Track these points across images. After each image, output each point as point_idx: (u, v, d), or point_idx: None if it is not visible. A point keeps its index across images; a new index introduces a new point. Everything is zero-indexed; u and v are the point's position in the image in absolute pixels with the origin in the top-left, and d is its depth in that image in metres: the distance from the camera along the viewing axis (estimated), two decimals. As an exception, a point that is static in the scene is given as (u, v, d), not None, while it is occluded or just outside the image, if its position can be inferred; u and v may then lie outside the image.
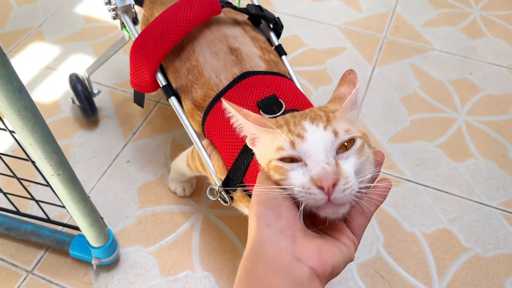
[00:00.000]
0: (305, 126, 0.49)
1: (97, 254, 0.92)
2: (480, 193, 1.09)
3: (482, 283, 0.94)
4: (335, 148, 0.48)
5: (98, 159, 1.17)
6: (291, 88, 0.79)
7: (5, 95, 0.54)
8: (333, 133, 0.48)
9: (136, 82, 0.89)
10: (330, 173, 0.45)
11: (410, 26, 1.55)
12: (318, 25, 1.56)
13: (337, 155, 0.48)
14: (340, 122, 0.50)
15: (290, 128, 0.50)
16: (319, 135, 0.48)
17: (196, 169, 0.89)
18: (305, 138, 0.48)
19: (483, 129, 1.23)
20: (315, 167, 0.46)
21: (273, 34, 0.96)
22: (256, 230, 0.45)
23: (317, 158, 0.47)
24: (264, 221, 0.45)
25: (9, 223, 0.99)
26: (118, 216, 1.06)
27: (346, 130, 0.49)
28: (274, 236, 0.44)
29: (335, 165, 0.46)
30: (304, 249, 0.44)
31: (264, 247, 0.44)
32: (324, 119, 0.50)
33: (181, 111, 0.84)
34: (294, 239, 0.45)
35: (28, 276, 0.96)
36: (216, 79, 0.80)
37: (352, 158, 0.48)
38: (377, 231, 1.02)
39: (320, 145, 0.47)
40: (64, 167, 0.69)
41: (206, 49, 0.84)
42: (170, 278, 0.95)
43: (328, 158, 0.47)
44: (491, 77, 1.37)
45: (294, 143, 0.48)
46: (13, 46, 1.48)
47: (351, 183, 0.46)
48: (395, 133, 1.22)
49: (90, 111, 1.21)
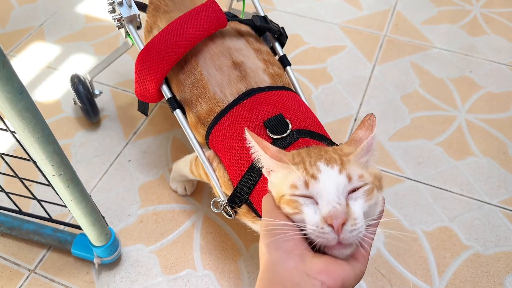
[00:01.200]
0: (320, 167, 0.52)
1: (98, 253, 0.92)
2: (480, 191, 1.09)
3: (482, 281, 0.94)
4: (347, 192, 0.50)
5: (99, 158, 1.18)
6: (297, 104, 0.79)
7: (6, 96, 0.54)
8: (347, 177, 0.50)
9: (141, 93, 0.89)
10: (340, 212, 0.47)
11: (410, 24, 1.55)
12: (318, 23, 1.56)
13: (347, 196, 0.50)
14: (354, 166, 0.52)
15: (306, 167, 0.52)
16: (333, 177, 0.50)
17: (200, 176, 0.89)
18: (319, 179, 0.50)
19: (484, 127, 1.23)
20: (326, 205, 0.48)
21: (278, 45, 0.96)
22: (267, 255, 0.48)
23: (329, 197, 0.49)
24: (272, 246, 0.48)
25: (12, 223, 0.99)
26: (119, 215, 1.06)
27: (360, 175, 0.51)
28: (283, 257, 0.47)
29: (346, 206, 0.49)
30: (313, 265, 0.46)
31: (275, 268, 0.47)
32: (339, 162, 0.52)
33: (186, 124, 0.85)
34: (302, 257, 0.47)
35: (30, 275, 0.97)
36: (221, 94, 0.80)
37: (360, 200, 0.50)
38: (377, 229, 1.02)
39: (333, 186, 0.50)
40: (65, 167, 0.70)
41: (210, 63, 0.84)
42: (171, 276, 0.96)
43: (339, 198, 0.49)
44: (492, 74, 1.37)
45: (308, 183, 0.50)
46: (14, 46, 1.49)
47: (359, 225, 0.48)
48: (396, 132, 1.22)
49: (92, 112, 1.21)
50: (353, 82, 1.36)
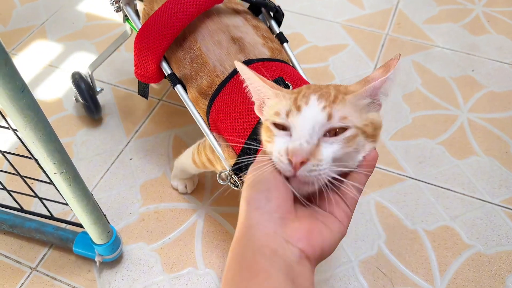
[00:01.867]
0: (310, 100, 0.49)
1: (100, 251, 0.92)
2: (482, 191, 1.09)
3: (484, 280, 0.94)
4: (324, 130, 0.47)
5: (101, 156, 1.18)
6: (296, 73, 0.80)
7: (8, 94, 0.54)
8: (327, 115, 0.47)
9: (141, 73, 0.90)
10: (303, 151, 0.45)
11: (412, 22, 1.54)
12: (320, 22, 1.56)
13: (323, 137, 0.47)
14: (343, 107, 0.48)
15: (298, 97, 0.50)
16: (314, 113, 0.47)
17: (203, 165, 0.89)
18: (301, 112, 0.48)
19: (486, 126, 1.22)
20: (294, 141, 0.46)
21: (274, 23, 0.97)
22: (245, 214, 0.45)
23: (300, 133, 0.47)
24: (253, 205, 0.45)
25: (13, 221, 0.99)
26: (121, 213, 1.06)
27: (343, 117, 0.47)
28: (263, 219, 0.44)
29: (315, 146, 0.46)
30: (293, 232, 0.44)
31: (253, 230, 0.44)
32: (330, 99, 0.49)
33: (187, 99, 0.85)
34: (283, 221, 0.44)
35: (32, 273, 0.97)
36: (220, 67, 0.81)
37: (336, 145, 0.47)
38: (378, 228, 1.02)
39: (309, 122, 0.47)
40: (67, 165, 0.70)
41: (208, 39, 0.85)
42: (173, 275, 0.96)
43: (311, 137, 0.46)
44: (494, 73, 1.37)
45: (289, 113, 0.48)
46: (16, 44, 1.49)
47: (322, 168, 0.46)
48: (397, 131, 1.22)
49: (94, 109, 1.21)
50: (355, 81, 1.34)
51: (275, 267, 0.41)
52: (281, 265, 0.42)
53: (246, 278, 0.41)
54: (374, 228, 1.02)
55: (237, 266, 0.43)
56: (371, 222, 1.03)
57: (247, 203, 0.45)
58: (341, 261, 0.97)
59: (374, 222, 1.03)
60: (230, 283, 0.42)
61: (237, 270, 0.43)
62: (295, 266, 0.42)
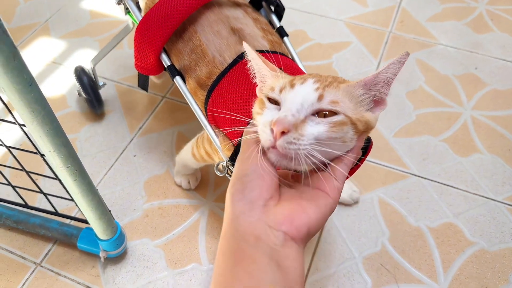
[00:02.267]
0: (306, 81, 0.50)
1: (104, 246, 0.92)
2: (485, 188, 1.09)
3: (487, 277, 0.94)
4: (312, 110, 0.47)
5: (105, 153, 1.18)
6: (295, 65, 0.81)
7: (16, 88, 0.55)
8: (318, 96, 0.48)
9: (141, 65, 0.90)
10: (286, 122, 0.45)
11: (415, 20, 1.54)
12: (323, 19, 1.56)
13: (311, 116, 0.47)
14: (336, 93, 0.49)
15: (295, 78, 0.51)
16: (306, 92, 0.48)
17: (202, 158, 0.90)
18: (293, 89, 0.49)
19: (489, 124, 1.23)
20: (281, 113, 0.47)
21: (275, 17, 0.97)
22: (230, 207, 0.45)
23: (289, 107, 0.47)
24: (236, 196, 0.45)
25: (18, 216, 1.00)
26: (125, 209, 1.06)
27: (334, 101, 0.48)
28: (246, 209, 0.44)
29: (301, 121, 0.46)
30: (275, 216, 0.44)
31: (236, 221, 0.44)
32: (325, 84, 0.49)
33: (186, 90, 0.85)
34: (266, 208, 0.45)
35: (37, 268, 0.97)
36: (220, 58, 0.81)
37: (321, 126, 0.47)
38: (382, 225, 1.03)
39: (299, 99, 0.47)
40: (73, 160, 0.70)
41: (208, 29, 0.85)
42: (177, 270, 0.96)
43: (298, 112, 0.47)
44: (497, 71, 1.37)
45: (283, 89, 0.49)
46: (19, 42, 1.49)
47: (302, 142, 0.45)
48: (401, 128, 1.22)
49: (97, 103, 1.21)
50: (359, 78, 1.35)
51: (259, 252, 0.42)
52: (265, 249, 0.42)
53: (231, 265, 0.42)
54: (377, 225, 1.03)
55: (224, 256, 0.44)
56: (374, 219, 1.04)
57: (231, 195, 0.46)
58: (345, 258, 0.98)
59: (378, 219, 1.04)
60: (217, 273, 0.43)
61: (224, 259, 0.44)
62: (280, 249, 0.43)
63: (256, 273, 0.41)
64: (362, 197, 1.07)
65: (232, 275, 0.42)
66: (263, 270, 0.41)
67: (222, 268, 0.43)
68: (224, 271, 0.43)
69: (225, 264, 0.43)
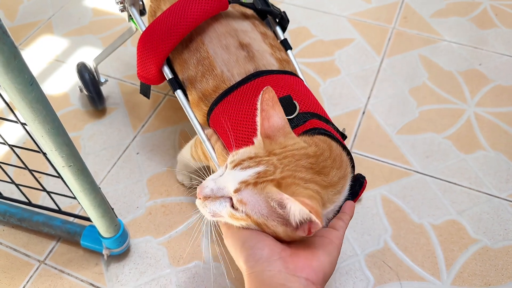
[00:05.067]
0: (249, 168, 0.55)
1: (107, 244, 0.93)
2: (489, 185, 1.08)
3: (490, 274, 0.94)
4: (227, 196, 0.56)
5: (108, 151, 1.18)
6: (304, 89, 0.80)
7: (17, 87, 0.55)
8: (235, 189, 0.54)
9: (143, 75, 0.90)
10: (204, 191, 0.58)
11: (419, 16, 1.54)
12: (326, 16, 1.55)
13: (226, 198, 0.56)
14: (254, 194, 0.53)
15: (254, 158, 0.56)
16: (232, 179, 0.55)
17: (199, 158, 0.91)
18: (231, 171, 0.56)
19: (493, 120, 1.22)
20: (210, 180, 0.59)
21: (279, 29, 0.96)
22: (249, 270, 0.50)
23: (218, 180, 0.58)
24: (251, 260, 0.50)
25: (22, 214, 1.00)
26: (128, 207, 1.07)
27: (242, 201, 0.53)
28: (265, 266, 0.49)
29: (215, 197, 0.57)
30: (295, 264, 0.49)
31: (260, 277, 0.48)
32: (258, 181, 0.53)
33: (186, 104, 0.86)
34: (282, 260, 0.49)
35: (41, 266, 0.98)
36: (228, 73, 0.81)
37: (223, 210, 0.56)
38: (385, 222, 1.02)
39: (224, 182, 0.57)
40: (75, 159, 0.70)
41: (216, 42, 0.84)
42: (179, 268, 0.97)
43: (218, 189, 0.57)
44: (502, 68, 1.36)
45: (232, 162, 0.57)
46: (23, 39, 1.50)
47: (207, 210, 0.58)
48: (404, 125, 1.21)
49: (98, 99, 1.22)
50: (361, 75, 1.35)
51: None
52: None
53: None
54: (380, 222, 1.02)
55: None
56: (377, 216, 1.03)
57: (245, 262, 0.51)
58: (347, 255, 0.98)
59: (381, 216, 1.03)
60: None
61: None
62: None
63: None
64: (365, 194, 1.07)
65: None
66: None
67: None
68: None
69: None
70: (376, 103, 1.27)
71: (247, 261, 0.50)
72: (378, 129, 1.20)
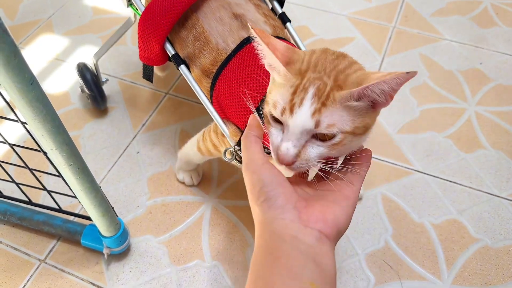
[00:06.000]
0: (305, 99, 0.50)
1: (108, 243, 0.93)
2: (490, 184, 1.08)
3: (491, 273, 0.94)
4: (311, 135, 0.51)
5: (108, 150, 1.18)
6: None
7: (17, 86, 0.55)
8: (315, 123, 0.49)
9: (145, 55, 0.90)
10: (289, 155, 0.51)
11: (419, 15, 1.53)
12: (327, 14, 1.55)
13: (311, 139, 0.51)
14: (332, 111, 0.50)
15: (297, 90, 0.51)
16: (303, 119, 0.50)
17: (208, 151, 0.90)
18: (293, 115, 0.50)
19: (494, 119, 1.22)
20: (284, 142, 0.51)
21: (277, 3, 0.97)
22: (262, 216, 0.48)
23: (290, 137, 0.51)
24: (265, 206, 0.48)
25: (22, 213, 1.00)
26: (128, 206, 1.07)
27: (330, 125, 0.50)
28: (278, 214, 0.47)
29: (301, 147, 0.51)
30: (309, 216, 0.47)
31: (271, 225, 0.47)
32: (323, 98, 0.50)
33: (191, 78, 0.86)
34: (297, 210, 0.48)
35: (41, 265, 0.98)
36: (223, 44, 0.81)
37: (322, 148, 0.51)
38: (385, 222, 1.02)
39: (299, 128, 0.50)
40: (75, 158, 0.70)
41: (210, 16, 0.85)
42: (180, 267, 0.97)
43: (299, 140, 0.51)
44: (502, 67, 1.36)
45: (284, 112, 0.51)
46: (23, 38, 1.49)
47: (309, 163, 0.52)
48: (404, 124, 1.21)
49: (100, 99, 1.22)
50: (362, 74, 1.35)
51: (296, 250, 0.45)
52: (302, 247, 0.45)
53: (270, 262, 0.45)
54: (380, 222, 1.02)
55: (263, 254, 0.46)
56: (377, 216, 1.03)
57: (259, 207, 0.49)
58: (348, 254, 0.98)
59: (381, 216, 1.03)
60: (255, 270, 0.46)
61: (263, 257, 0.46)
62: (316, 247, 0.45)
63: (295, 269, 0.44)
64: (365, 193, 1.07)
65: (271, 271, 0.44)
66: (301, 266, 0.44)
67: (262, 263, 0.46)
68: (263, 268, 0.45)
69: (265, 259, 0.46)
70: (377, 102, 1.26)
71: (262, 205, 0.48)
72: (379, 128, 1.20)
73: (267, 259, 0.45)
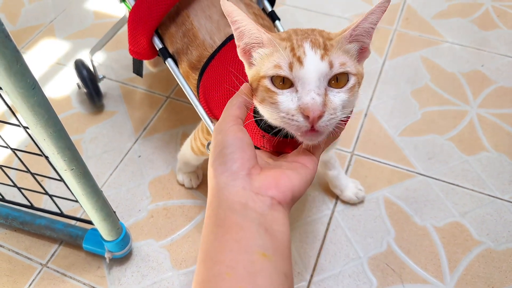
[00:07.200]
0: (306, 50, 0.49)
1: (110, 247, 0.93)
2: (492, 187, 1.08)
3: (494, 276, 0.94)
4: (328, 79, 0.49)
5: (109, 154, 1.18)
6: None
7: (19, 91, 0.55)
8: (329, 64, 0.48)
9: (134, 49, 0.91)
10: (318, 105, 0.47)
11: (421, 17, 1.53)
12: (328, 18, 1.55)
13: (328, 87, 0.49)
14: (336, 53, 0.50)
15: (293, 47, 0.50)
16: (316, 63, 0.48)
17: (198, 149, 0.91)
18: (303, 64, 0.49)
19: (496, 122, 1.21)
20: (306, 95, 0.48)
21: (267, 2, 0.97)
22: (214, 180, 0.47)
23: (310, 87, 0.48)
24: (219, 169, 0.46)
25: (24, 218, 1.00)
26: (130, 210, 1.07)
27: (342, 63, 0.49)
28: (230, 180, 0.45)
29: (325, 96, 0.48)
30: (260, 183, 0.45)
31: (221, 192, 0.45)
32: (322, 47, 0.50)
33: (178, 72, 0.86)
34: (250, 176, 0.46)
35: (43, 269, 0.98)
36: (210, 40, 0.82)
37: (342, 95, 0.50)
38: (387, 224, 1.02)
39: (315, 74, 0.48)
40: (77, 162, 0.70)
41: (201, 13, 0.86)
42: (182, 271, 0.96)
43: (319, 88, 0.48)
44: (504, 69, 1.35)
45: (293, 66, 0.49)
46: (24, 43, 1.50)
47: (338, 114, 0.49)
48: (406, 127, 1.21)
49: (96, 95, 1.23)
50: (365, 78, 1.34)
51: (246, 219, 0.43)
52: (253, 216, 0.43)
53: (220, 235, 0.43)
54: (383, 225, 1.02)
55: (212, 226, 0.44)
56: (380, 219, 1.03)
57: (214, 169, 0.47)
58: (350, 258, 0.97)
59: (383, 219, 1.03)
60: (205, 243, 0.44)
61: (212, 229, 0.44)
62: (268, 214, 0.44)
63: (244, 240, 0.42)
64: (367, 196, 1.07)
65: (220, 244, 0.42)
66: (251, 236, 0.42)
67: (210, 238, 0.44)
68: (212, 241, 0.43)
69: (213, 234, 0.44)
70: (378, 105, 1.26)
71: (216, 169, 0.46)
72: (381, 131, 1.20)
73: (217, 232, 0.43)
